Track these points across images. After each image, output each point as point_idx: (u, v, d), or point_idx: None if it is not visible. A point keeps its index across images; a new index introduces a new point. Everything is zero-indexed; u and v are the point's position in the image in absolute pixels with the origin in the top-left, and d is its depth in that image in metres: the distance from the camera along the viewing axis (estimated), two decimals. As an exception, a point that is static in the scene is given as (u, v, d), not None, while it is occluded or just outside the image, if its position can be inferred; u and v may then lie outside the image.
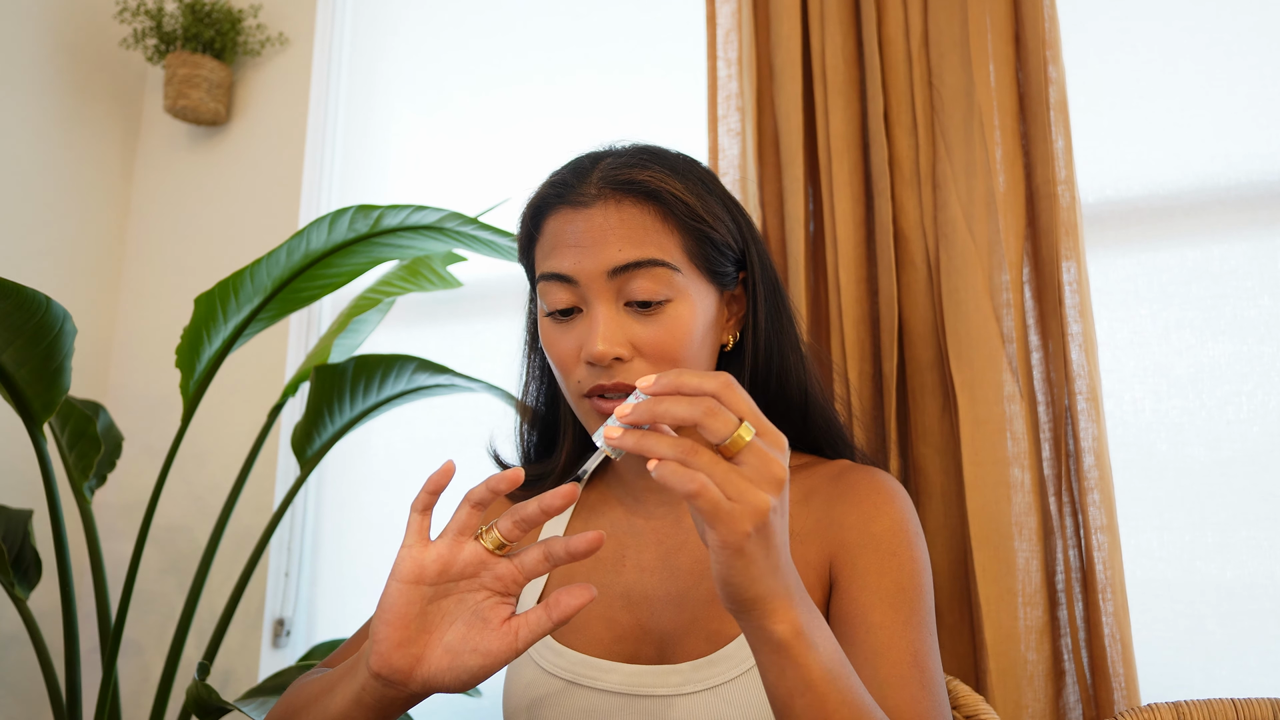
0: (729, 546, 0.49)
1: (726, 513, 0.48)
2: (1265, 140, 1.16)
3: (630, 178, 0.70)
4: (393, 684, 0.56)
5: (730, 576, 0.51)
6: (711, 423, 0.50)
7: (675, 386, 0.52)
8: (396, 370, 1.32)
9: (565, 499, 0.56)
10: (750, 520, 0.49)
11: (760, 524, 0.49)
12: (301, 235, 1.10)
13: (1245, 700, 0.75)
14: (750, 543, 0.49)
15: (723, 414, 0.50)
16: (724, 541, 0.49)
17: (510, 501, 0.84)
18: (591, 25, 1.65)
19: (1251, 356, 1.13)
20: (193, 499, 1.71)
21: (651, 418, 0.51)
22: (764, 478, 0.50)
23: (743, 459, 0.50)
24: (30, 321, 1.00)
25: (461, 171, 1.71)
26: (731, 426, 0.50)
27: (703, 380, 0.51)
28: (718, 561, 0.50)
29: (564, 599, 0.57)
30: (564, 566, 0.73)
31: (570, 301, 0.71)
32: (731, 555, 0.50)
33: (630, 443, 0.52)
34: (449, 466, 0.58)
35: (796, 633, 0.52)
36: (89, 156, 1.84)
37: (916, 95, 1.17)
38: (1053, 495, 1.07)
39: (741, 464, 0.50)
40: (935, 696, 0.64)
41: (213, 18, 1.79)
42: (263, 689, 1.15)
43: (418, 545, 0.57)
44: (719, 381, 0.51)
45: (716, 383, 0.51)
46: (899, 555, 0.69)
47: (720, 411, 0.50)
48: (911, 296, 1.16)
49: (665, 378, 0.52)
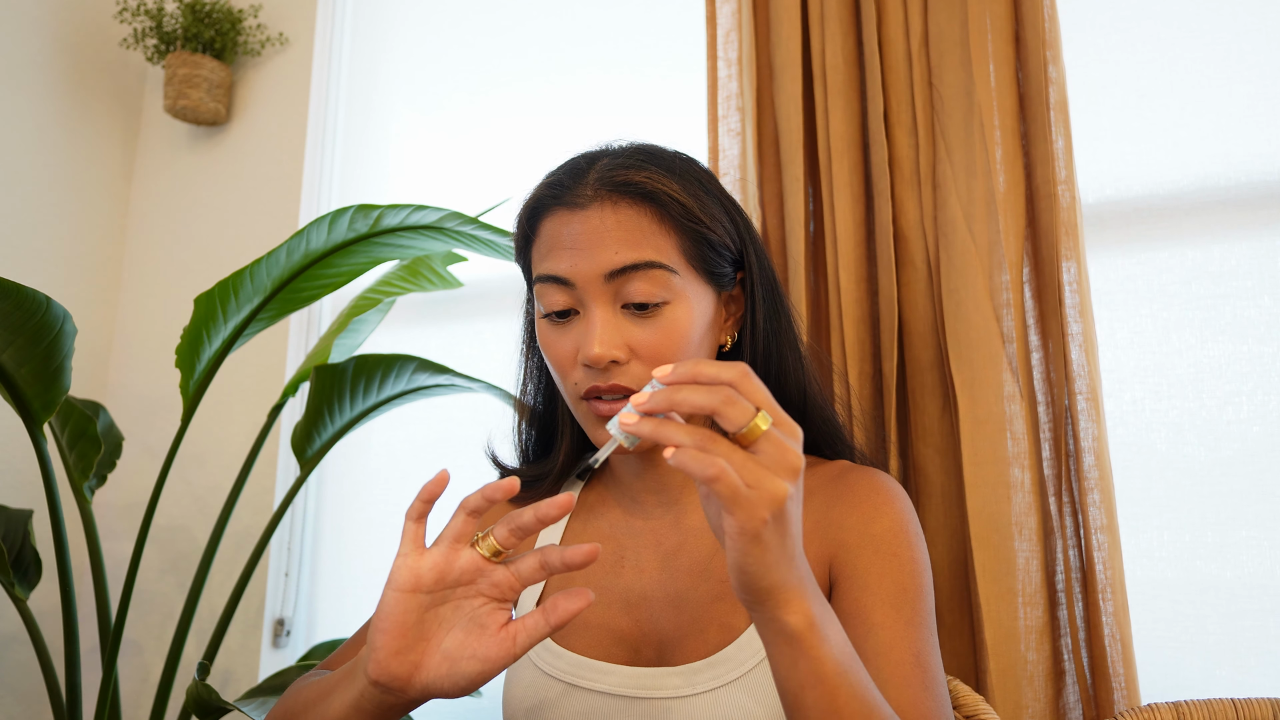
0: (747, 533, 0.49)
1: (745, 498, 0.49)
2: (1265, 140, 1.16)
3: (626, 179, 0.70)
4: (391, 691, 0.57)
5: (746, 564, 0.51)
6: (729, 411, 0.50)
7: (693, 375, 0.52)
8: (396, 370, 1.32)
9: (561, 508, 0.55)
10: (768, 507, 0.49)
11: (778, 511, 0.50)
12: (301, 235, 1.10)
13: (1245, 700, 0.75)
14: (768, 530, 0.50)
15: (740, 402, 0.50)
16: (742, 528, 0.49)
17: (508, 505, 0.84)
18: (591, 25, 1.65)
19: (1251, 356, 1.13)
20: (193, 499, 1.71)
21: (670, 405, 0.51)
22: (781, 465, 0.50)
23: (759, 447, 0.50)
24: (30, 321, 1.00)
25: (461, 171, 1.71)
26: (749, 415, 0.50)
27: (720, 370, 0.51)
28: (734, 549, 0.50)
29: (561, 603, 0.57)
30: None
31: (567, 304, 0.71)
32: (749, 542, 0.50)
33: (647, 430, 0.52)
34: (443, 475, 0.58)
35: (810, 624, 0.52)
36: (89, 156, 1.84)
37: (916, 95, 1.17)
38: (1053, 495, 1.07)
39: (758, 452, 0.50)
40: (937, 697, 0.64)
41: (213, 18, 1.79)
42: (263, 689, 1.15)
43: (414, 553, 0.57)
44: (736, 371, 0.51)
45: (734, 372, 0.51)
46: (899, 556, 0.69)
47: (737, 400, 0.50)
48: (911, 296, 1.16)
49: (683, 366, 0.52)
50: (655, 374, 0.53)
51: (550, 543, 0.80)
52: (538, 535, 0.82)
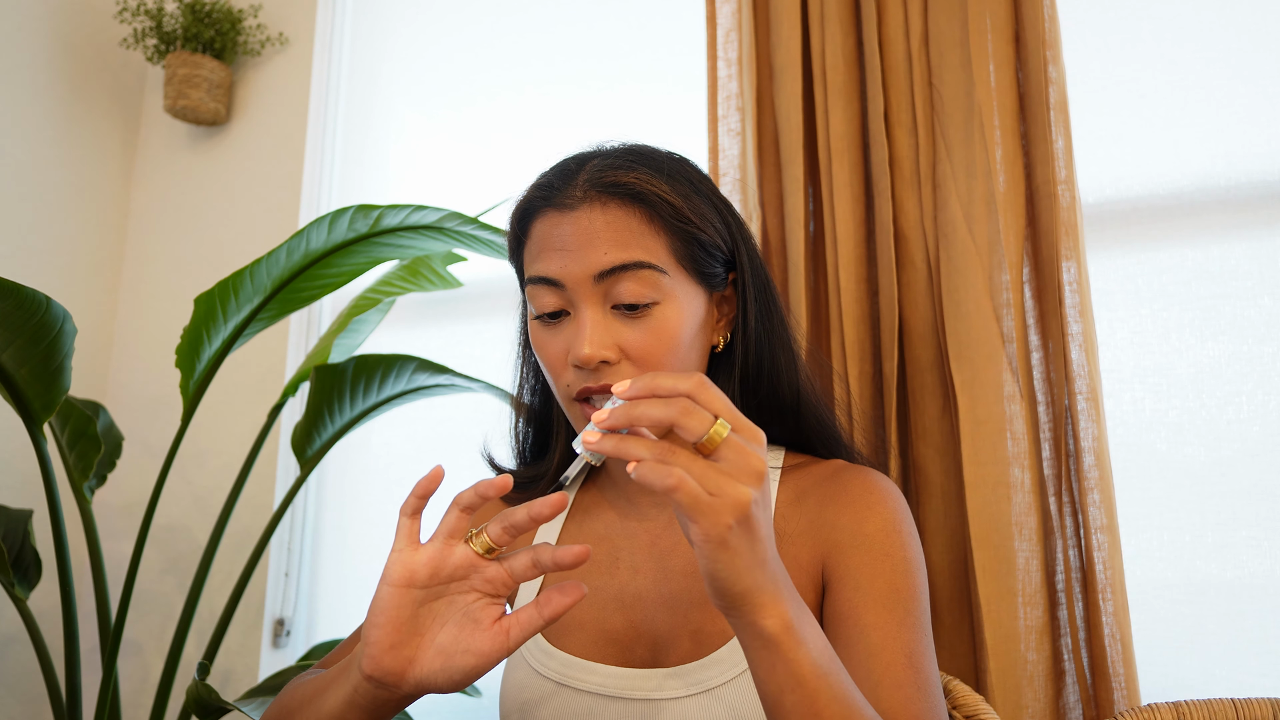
0: (712, 540, 0.50)
1: (707, 505, 0.49)
2: (1265, 140, 1.16)
3: (615, 180, 0.70)
4: (385, 685, 0.57)
5: (716, 570, 0.51)
6: (687, 421, 0.50)
7: (650, 389, 0.52)
8: (396, 370, 1.32)
9: (554, 508, 0.56)
10: (731, 513, 0.49)
11: (742, 516, 0.50)
12: (301, 235, 1.10)
13: (1245, 700, 0.75)
14: (733, 535, 0.50)
15: (698, 412, 0.51)
16: (707, 535, 0.50)
17: (503, 503, 0.84)
18: (591, 24, 1.65)
19: (1251, 356, 1.13)
20: (193, 499, 1.71)
21: (628, 421, 0.52)
22: (743, 471, 0.50)
23: (720, 455, 0.51)
24: (30, 321, 1.00)
25: (461, 171, 1.71)
26: (707, 424, 0.51)
27: (677, 381, 0.52)
28: (703, 556, 0.51)
29: (555, 597, 0.58)
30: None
31: (558, 305, 0.71)
32: (715, 548, 0.50)
33: (609, 447, 0.52)
34: (438, 471, 0.58)
35: (786, 628, 0.52)
36: (89, 156, 1.84)
37: (916, 95, 1.17)
38: (1053, 495, 1.07)
39: (720, 459, 0.51)
40: (930, 697, 0.64)
41: (213, 18, 1.79)
42: (263, 689, 1.15)
43: (408, 549, 0.58)
44: (693, 381, 0.52)
45: (690, 383, 0.52)
46: (892, 556, 0.69)
47: (695, 410, 0.51)
48: (911, 296, 1.15)
49: (640, 381, 0.53)
50: (614, 390, 0.54)
51: (545, 542, 0.80)
52: (533, 534, 0.82)
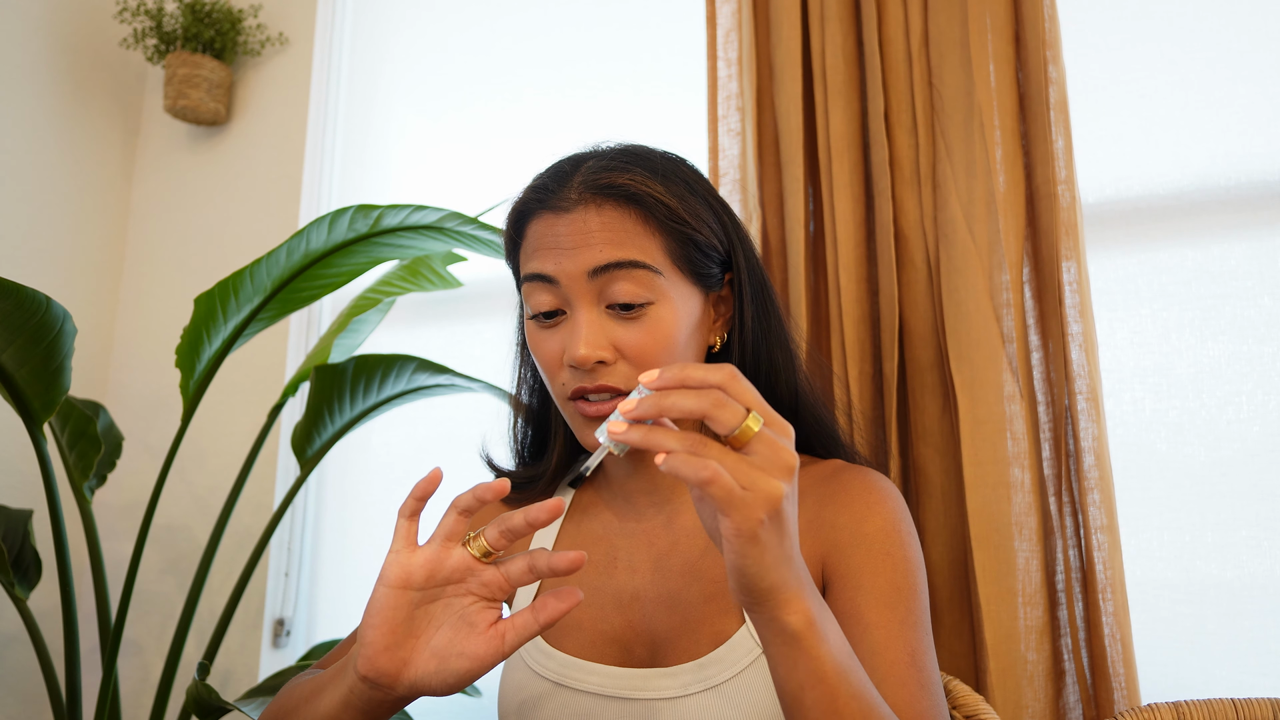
0: (744, 534, 0.49)
1: (740, 500, 0.49)
2: (1265, 140, 1.16)
3: (610, 181, 0.70)
4: (380, 687, 0.57)
5: (745, 565, 0.50)
6: (720, 413, 0.50)
7: (680, 380, 0.51)
8: (396, 370, 1.32)
9: (550, 513, 0.56)
10: (764, 507, 0.49)
11: (774, 511, 0.50)
12: (301, 235, 1.10)
13: (1245, 700, 0.75)
14: (765, 530, 0.49)
15: (730, 405, 0.50)
16: (739, 529, 0.49)
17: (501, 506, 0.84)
18: (591, 26, 1.65)
19: (1251, 356, 1.13)
20: (193, 499, 1.71)
21: (659, 411, 0.51)
22: (775, 465, 0.50)
23: (752, 448, 0.50)
24: (30, 321, 1.00)
25: (461, 171, 1.71)
26: (740, 417, 0.50)
27: (708, 373, 0.51)
28: (732, 551, 0.50)
29: (550, 602, 0.57)
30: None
31: (553, 304, 0.71)
32: (746, 543, 0.50)
33: (636, 437, 0.52)
34: (436, 474, 0.58)
35: (809, 624, 0.52)
36: (89, 156, 1.84)
37: (916, 95, 1.17)
38: (1053, 495, 1.07)
39: (751, 453, 0.50)
40: (933, 696, 0.64)
41: (213, 18, 1.79)
42: (263, 689, 1.15)
43: (405, 550, 0.58)
44: (724, 373, 0.51)
45: (722, 374, 0.51)
46: (892, 555, 0.69)
47: (728, 402, 0.50)
48: (911, 296, 1.15)
49: (669, 371, 0.52)
50: (642, 379, 0.53)
51: (544, 544, 0.80)
52: (531, 537, 0.82)
